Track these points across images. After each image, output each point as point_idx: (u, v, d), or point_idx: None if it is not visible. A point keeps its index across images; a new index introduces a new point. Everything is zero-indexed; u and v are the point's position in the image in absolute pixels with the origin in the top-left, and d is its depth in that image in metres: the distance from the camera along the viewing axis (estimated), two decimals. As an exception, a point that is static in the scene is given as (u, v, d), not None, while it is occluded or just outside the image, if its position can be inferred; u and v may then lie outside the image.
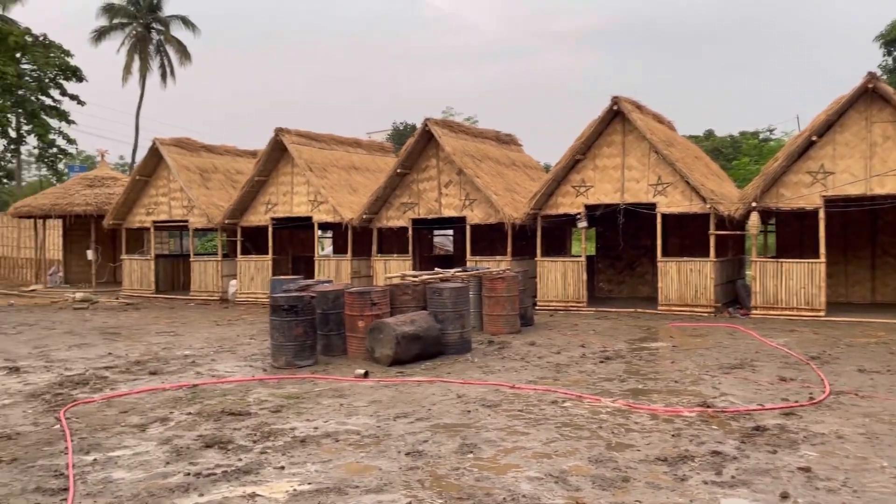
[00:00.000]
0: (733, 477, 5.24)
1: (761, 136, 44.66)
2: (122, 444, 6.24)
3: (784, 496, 4.84)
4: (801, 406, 7.25)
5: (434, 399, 7.80)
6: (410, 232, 18.24)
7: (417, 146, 17.79)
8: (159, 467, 5.60)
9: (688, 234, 17.83)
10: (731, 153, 42.86)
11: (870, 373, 8.93)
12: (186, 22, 46.86)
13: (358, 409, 7.38)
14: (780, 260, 15.12)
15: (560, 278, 16.63)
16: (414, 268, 17.76)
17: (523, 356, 10.48)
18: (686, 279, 15.38)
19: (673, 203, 15.54)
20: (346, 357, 10.44)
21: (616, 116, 15.98)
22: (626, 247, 18.92)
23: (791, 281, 14.44)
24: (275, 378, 9.13)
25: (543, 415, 7.06)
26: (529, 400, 7.70)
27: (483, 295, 12.83)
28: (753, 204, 14.63)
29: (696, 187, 15.09)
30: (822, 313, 14.13)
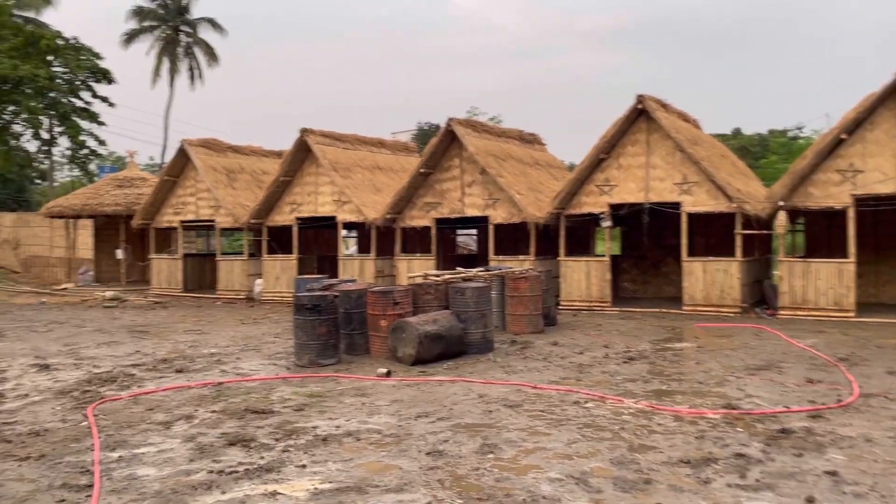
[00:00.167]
0: (758, 480, 5.17)
1: (790, 135, 43.99)
2: (148, 442, 6.33)
3: (810, 500, 4.77)
4: (829, 408, 7.13)
5: (456, 399, 7.80)
6: (433, 231, 18.26)
7: (441, 146, 17.81)
8: (183, 465, 5.67)
9: (714, 234, 17.61)
10: (759, 152, 42.28)
11: (900, 375, 8.76)
12: (214, 24, 47.44)
13: (380, 409, 7.41)
14: (809, 260, 14.89)
15: (584, 278, 16.53)
16: (437, 267, 17.78)
17: (546, 356, 10.44)
18: (712, 279, 15.21)
19: (698, 202, 15.37)
20: (369, 356, 10.49)
21: (640, 115, 15.84)
22: (651, 246, 18.76)
23: (819, 281, 14.21)
24: (298, 376, 9.20)
25: (565, 415, 7.03)
26: (551, 400, 7.67)
27: (506, 294, 12.81)
28: (781, 203, 14.41)
29: (722, 186, 14.91)
30: (852, 314, 13.88)
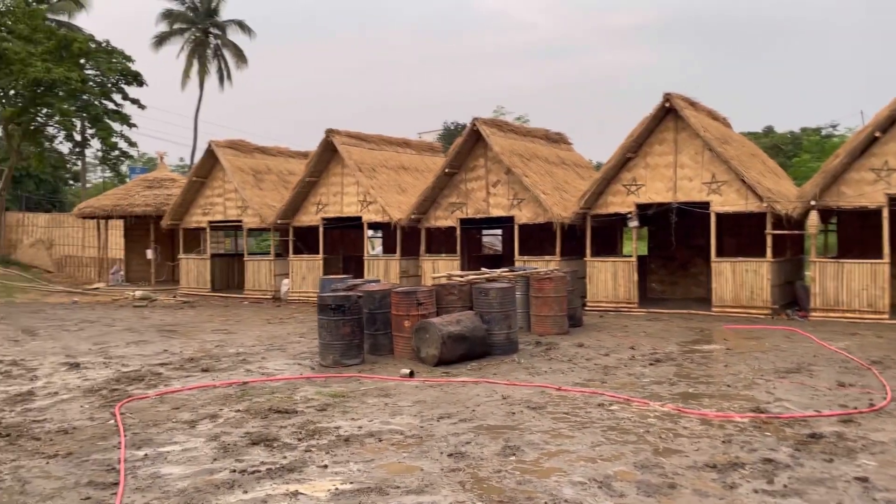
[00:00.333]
0: (785, 486, 5.06)
1: (823, 133, 43.19)
2: (173, 440, 6.39)
3: (839, 507, 4.66)
4: (861, 413, 6.96)
5: (478, 400, 7.77)
6: (458, 232, 18.24)
7: (465, 146, 17.77)
8: (206, 463, 5.71)
9: (744, 234, 17.32)
10: (792, 150, 41.58)
11: (936, 379, 8.53)
12: (242, 26, 47.90)
13: (402, 409, 7.40)
14: (841, 260, 14.57)
15: (610, 279, 16.38)
16: (462, 268, 17.75)
17: (571, 358, 10.36)
18: (741, 280, 14.97)
19: (728, 202, 15.14)
20: (393, 356, 10.50)
21: (668, 113, 15.65)
22: (680, 246, 18.52)
23: (853, 282, 13.91)
24: (322, 376, 9.23)
25: (589, 418, 6.96)
26: (575, 402, 7.60)
27: (530, 295, 12.73)
28: (812, 202, 14.14)
29: (752, 185, 14.67)
30: (886, 316, 13.57)
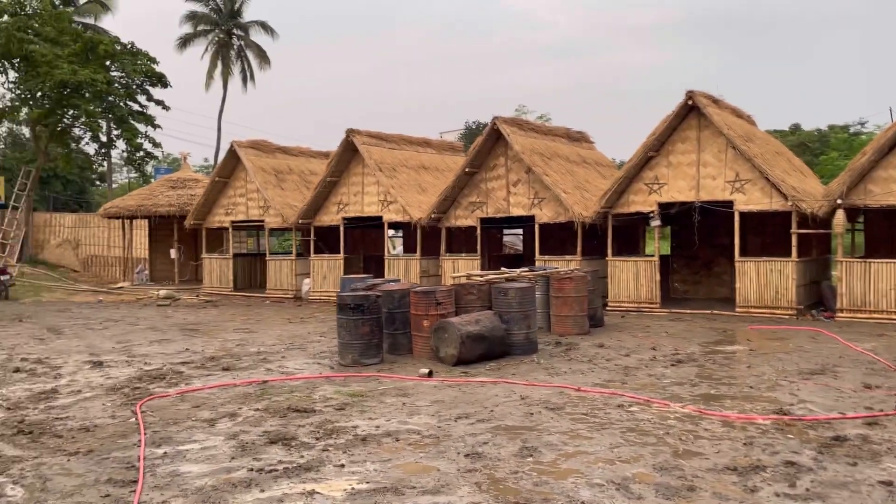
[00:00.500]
0: (808, 490, 4.96)
1: (852, 130, 42.51)
2: (192, 439, 6.43)
3: (863, 512, 4.56)
4: (887, 415, 6.82)
5: (497, 400, 7.73)
6: (479, 231, 18.20)
7: (486, 145, 17.73)
8: (225, 462, 5.74)
9: (769, 233, 17.10)
10: (819, 148, 40.97)
11: (966, 381, 8.33)
12: (265, 27, 48.22)
13: (420, 409, 7.39)
14: (869, 260, 14.31)
15: (632, 278, 16.24)
16: (482, 267, 17.71)
17: (591, 358, 10.28)
18: (766, 280, 14.76)
19: (751, 201, 14.93)
20: (412, 356, 10.49)
21: (691, 111, 15.48)
22: (703, 246, 18.32)
23: (880, 282, 13.65)
24: (341, 376, 9.25)
25: (608, 419, 6.89)
26: (595, 403, 7.53)
27: (551, 295, 12.66)
28: (839, 201, 13.90)
29: (777, 184, 14.45)
30: (915, 317, 13.30)
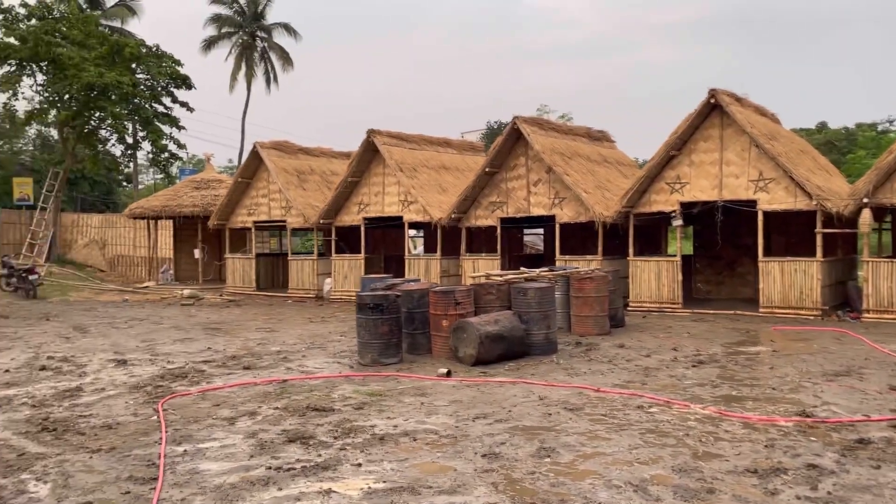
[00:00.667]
0: (829, 493, 4.89)
1: (880, 128, 41.82)
2: (212, 437, 6.50)
3: (886, 517, 4.48)
4: (913, 419, 6.70)
5: (515, 400, 7.71)
6: (499, 231, 18.17)
7: (506, 145, 17.69)
8: (243, 460, 5.79)
9: (793, 233, 16.88)
10: (846, 146, 40.35)
11: None
12: (288, 29, 48.58)
13: (438, 409, 7.39)
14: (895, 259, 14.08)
15: (654, 278, 16.11)
16: (503, 267, 17.68)
17: (611, 359, 10.22)
18: (790, 280, 14.56)
19: (775, 200, 14.75)
20: (431, 356, 10.49)
21: (714, 110, 15.32)
22: (726, 245, 18.12)
23: (908, 282, 13.40)
24: (360, 375, 9.28)
25: (627, 420, 6.84)
26: (614, 404, 7.49)
27: (571, 295, 12.60)
28: (865, 200, 13.67)
29: (801, 183, 14.25)
30: (945, 318, 13.05)
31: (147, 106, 28.89)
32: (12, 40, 25.94)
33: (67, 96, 27.02)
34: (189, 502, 4.91)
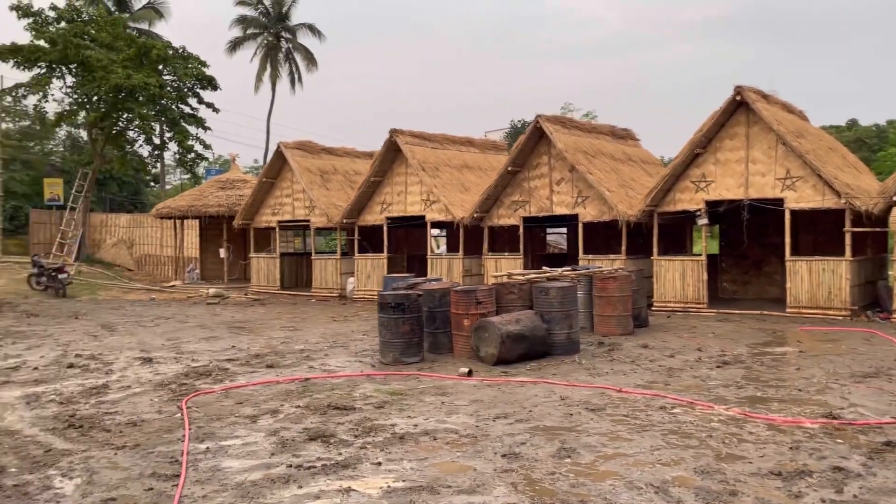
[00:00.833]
0: (855, 496, 4.80)
1: (911, 125, 41.00)
2: (234, 434, 6.56)
3: (914, 521, 4.39)
4: (944, 421, 6.55)
5: (536, 400, 7.68)
6: (521, 230, 18.10)
7: (528, 144, 17.63)
8: (265, 458, 5.84)
9: (822, 231, 16.61)
10: (877, 143, 39.62)
11: None
12: (313, 29, 48.85)
13: (459, 408, 7.38)
14: (928, 259, 13.78)
15: (678, 278, 15.95)
16: (525, 266, 17.61)
17: (634, 359, 10.13)
18: (818, 280, 14.32)
19: (803, 198, 14.51)
20: (452, 355, 10.49)
21: (739, 107, 15.12)
22: (752, 245, 17.89)
23: (940, 282, 13.11)
24: (382, 374, 9.31)
25: (650, 421, 6.78)
26: (636, 405, 7.42)
27: (594, 295, 12.52)
28: (895, 198, 13.40)
29: (829, 181, 14.01)
30: (978, 318, 12.75)
31: (174, 107, 29.25)
32: (42, 43, 26.38)
33: (96, 98, 27.42)
34: (210, 499, 4.96)
